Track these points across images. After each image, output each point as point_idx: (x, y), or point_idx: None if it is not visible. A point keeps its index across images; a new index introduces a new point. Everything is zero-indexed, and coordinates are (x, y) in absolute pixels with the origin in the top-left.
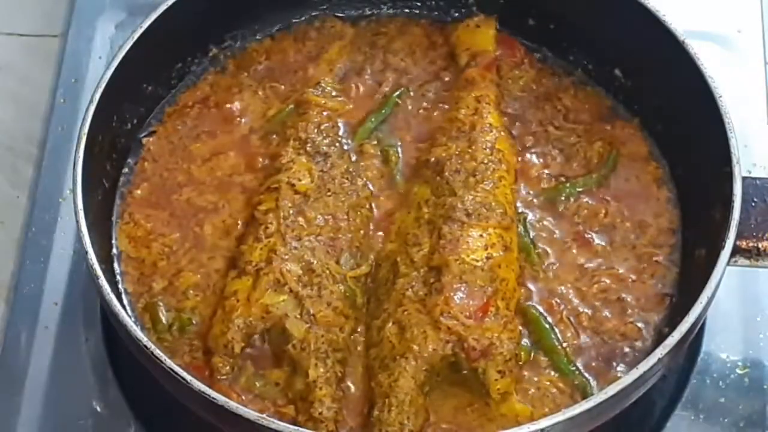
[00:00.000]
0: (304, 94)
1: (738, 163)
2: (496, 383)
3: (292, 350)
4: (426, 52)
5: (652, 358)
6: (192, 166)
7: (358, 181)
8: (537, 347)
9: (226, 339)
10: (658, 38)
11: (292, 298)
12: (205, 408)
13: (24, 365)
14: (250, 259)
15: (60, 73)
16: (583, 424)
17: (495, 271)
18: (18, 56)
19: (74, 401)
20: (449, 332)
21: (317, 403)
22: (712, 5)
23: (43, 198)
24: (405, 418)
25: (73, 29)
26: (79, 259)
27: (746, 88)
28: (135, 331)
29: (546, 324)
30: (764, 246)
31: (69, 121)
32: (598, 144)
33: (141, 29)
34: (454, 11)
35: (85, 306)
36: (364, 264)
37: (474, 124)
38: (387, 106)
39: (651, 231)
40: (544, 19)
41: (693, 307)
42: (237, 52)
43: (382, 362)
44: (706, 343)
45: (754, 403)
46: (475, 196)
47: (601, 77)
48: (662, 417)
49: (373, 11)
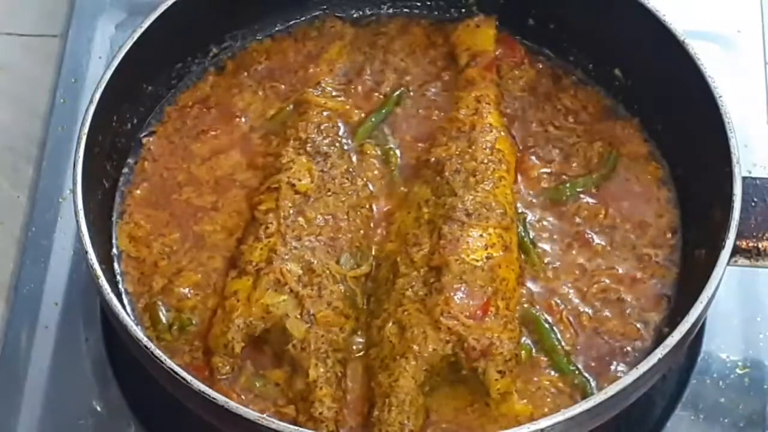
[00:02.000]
0: (304, 94)
1: (738, 163)
2: (496, 383)
3: (293, 350)
4: (426, 52)
5: (652, 358)
6: (192, 166)
7: (358, 181)
8: (537, 347)
9: (226, 339)
10: (658, 38)
11: (292, 298)
12: (205, 408)
13: (24, 365)
14: (250, 259)
15: (60, 73)
16: (583, 424)
17: (495, 271)
18: (18, 56)
19: (74, 401)
20: (449, 332)
21: (317, 403)
22: (712, 5)
23: (43, 198)
24: (405, 418)
25: (73, 29)
26: (79, 259)
27: (746, 88)
28: (135, 331)
29: (546, 324)
30: (764, 246)
31: (69, 121)
32: (598, 144)
33: (141, 29)
34: (454, 11)
35: (85, 306)
36: (364, 264)
37: (474, 124)
38: (387, 106)
39: (651, 231)
40: (544, 19)
41: (693, 307)
42: (237, 52)
43: (382, 362)
44: (706, 343)
45: (754, 403)
46: (475, 196)
47: (601, 77)
48: (662, 417)
49: (373, 11)
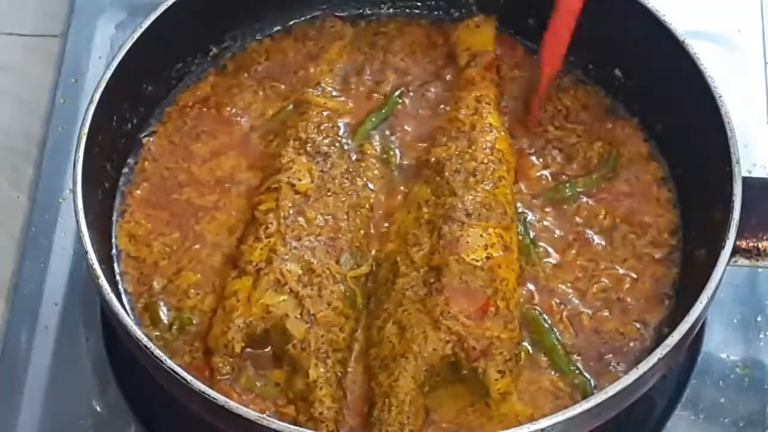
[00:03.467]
0: (304, 94)
1: (738, 163)
2: (496, 383)
3: (293, 350)
4: (426, 52)
5: (652, 358)
6: (192, 166)
7: (358, 181)
8: (537, 347)
9: (227, 339)
10: (658, 38)
11: (292, 298)
12: (205, 408)
13: (24, 365)
14: (250, 259)
15: (60, 73)
16: (583, 424)
17: (495, 271)
18: (18, 56)
19: (74, 401)
20: (449, 332)
21: (318, 403)
22: (712, 5)
23: (43, 198)
24: (405, 418)
25: (73, 29)
26: (79, 259)
27: (746, 88)
28: (135, 331)
29: (546, 324)
30: (764, 246)
31: (69, 121)
32: (598, 144)
33: (141, 29)
34: (454, 11)
35: (85, 306)
36: (364, 264)
37: (474, 124)
38: (387, 106)
39: (651, 231)
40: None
41: (693, 307)
42: (237, 52)
43: (382, 362)
44: (706, 343)
45: (754, 403)
46: (475, 196)
47: (601, 77)
48: (662, 417)
49: (373, 11)
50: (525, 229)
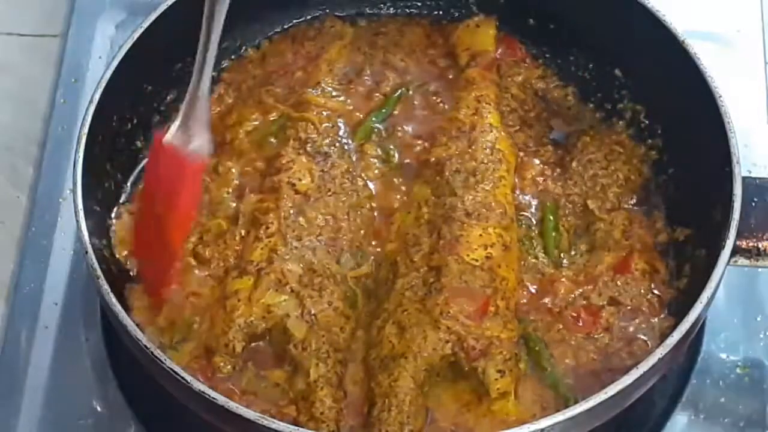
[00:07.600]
0: (304, 94)
1: (738, 163)
2: (496, 383)
3: (294, 350)
4: (426, 52)
5: (652, 358)
6: None
7: (358, 181)
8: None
9: (227, 339)
10: (658, 38)
11: (293, 297)
12: (206, 408)
13: (24, 365)
14: (251, 259)
15: (60, 73)
16: (583, 424)
17: (495, 271)
18: (18, 56)
19: (74, 401)
20: (449, 332)
21: (318, 403)
22: (712, 5)
23: (43, 198)
24: (405, 418)
25: (73, 29)
26: (79, 259)
27: (746, 88)
28: (135, 331)
29: (537, 347)
30: (764, 246)
31: (69, 121)
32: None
33: (141, 29)
34: (454, 11)
35: (85, 306)
36: (364, 264)
37: (474, 124)
38: (387, 106)
39: (651, 231)
40: (544, 19)
41: (693, 307)
42: (237, 52)
43: (382, 362)
44: (706, 343)
45: (754, 403)
46: (475, 196)
47: (601, 77)
48: (662, 417)
49: (373, 11)
50: (550, 216)
